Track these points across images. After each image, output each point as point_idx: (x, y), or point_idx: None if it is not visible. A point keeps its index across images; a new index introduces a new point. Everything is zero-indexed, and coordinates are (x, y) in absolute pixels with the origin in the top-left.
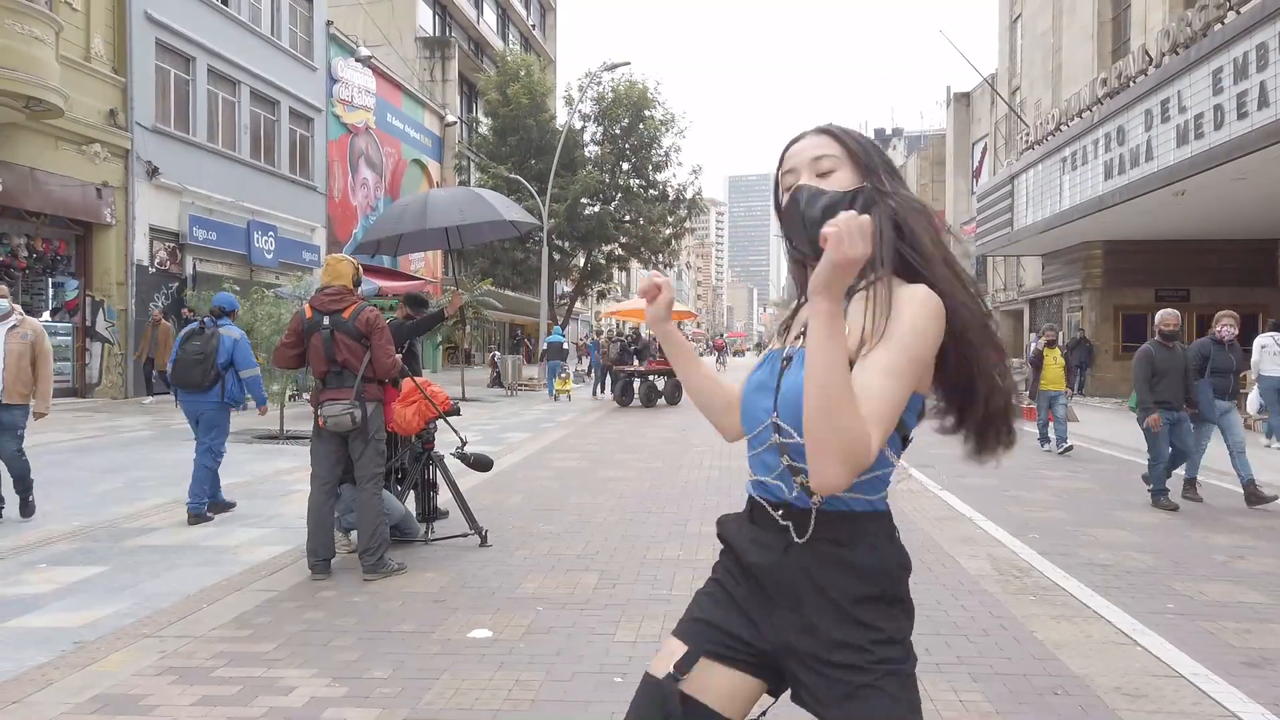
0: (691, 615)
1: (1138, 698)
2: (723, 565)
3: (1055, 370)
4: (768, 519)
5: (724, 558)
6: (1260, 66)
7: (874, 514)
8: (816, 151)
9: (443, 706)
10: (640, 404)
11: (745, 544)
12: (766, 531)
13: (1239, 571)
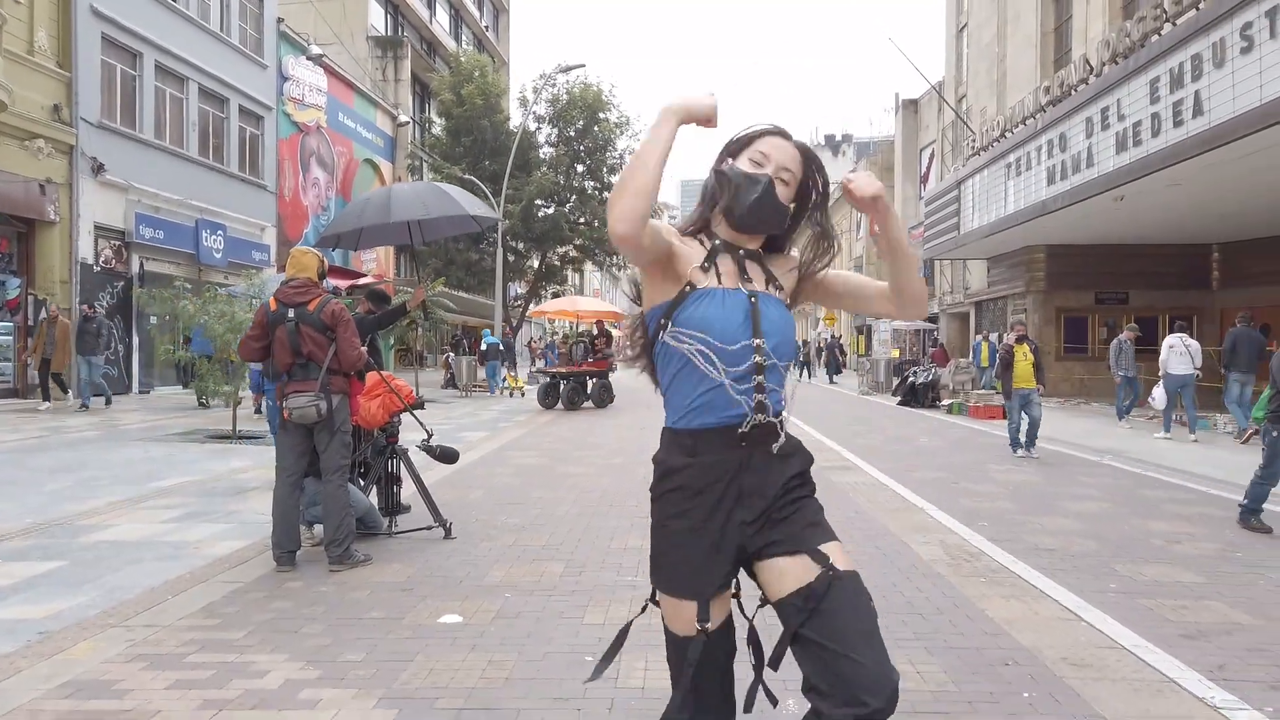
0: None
1: (1083, 667)
2: (679, 502)
3: (1026, 367)
4: (733, 436)
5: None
6: (1195, 77)
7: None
8: (788, 164)
9: (418, 686)
10: (563, 407)
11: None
12: (732, 450)
13: (1176, 554)
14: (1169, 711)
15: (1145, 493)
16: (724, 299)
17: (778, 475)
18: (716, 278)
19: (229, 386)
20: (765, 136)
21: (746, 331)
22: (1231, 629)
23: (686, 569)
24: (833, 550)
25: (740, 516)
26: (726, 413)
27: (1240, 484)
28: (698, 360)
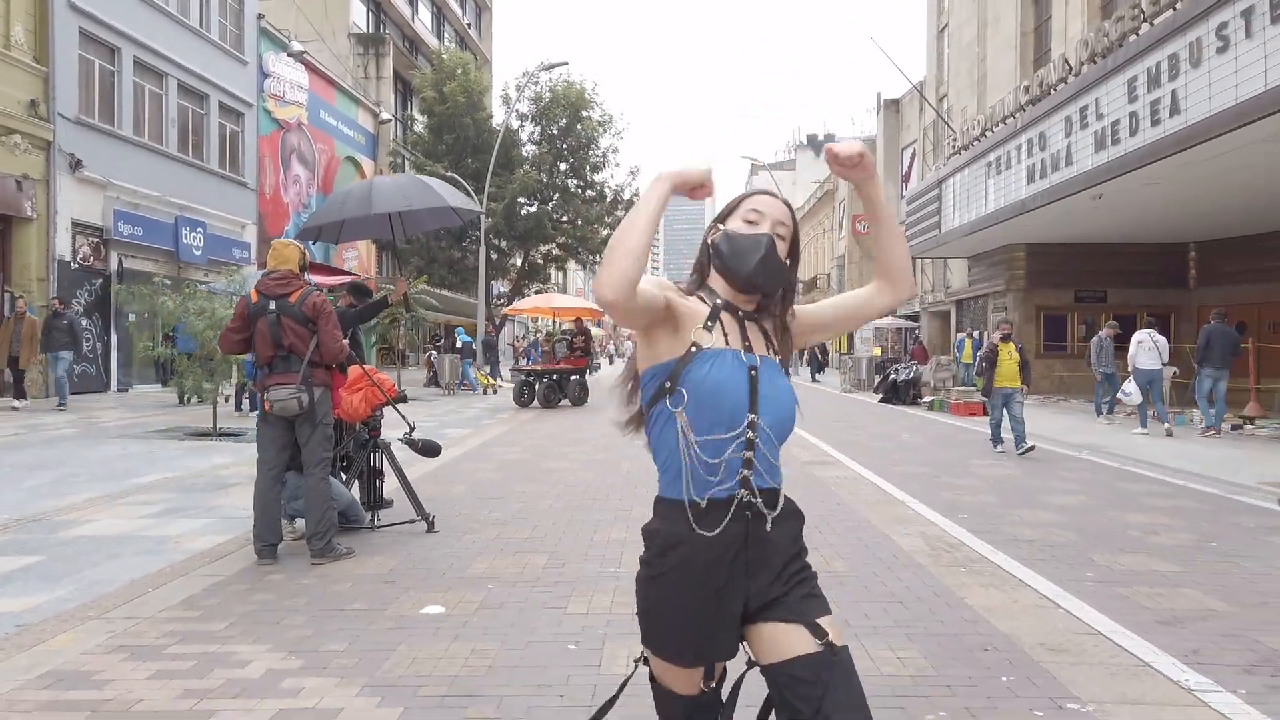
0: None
1: (1060, 652)
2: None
3: (1010, 366)
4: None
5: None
6: (1172, 76)
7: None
8: (783, 219)
9: (401, 674)
10: (539, 405)
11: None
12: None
13: (1152, 545)
14: (1144, 694)
15: (1123, 486)
16: (733, 363)
17: (781, 546)
18: (723, 338)
19: (209, 384)
20: (754, 197)
21: (745, 404)
22: (1206, 615)
23: (695, 639)
24: (829, 624)
25: (748, 585)
26: (727, 484)
27: (1216, 478)
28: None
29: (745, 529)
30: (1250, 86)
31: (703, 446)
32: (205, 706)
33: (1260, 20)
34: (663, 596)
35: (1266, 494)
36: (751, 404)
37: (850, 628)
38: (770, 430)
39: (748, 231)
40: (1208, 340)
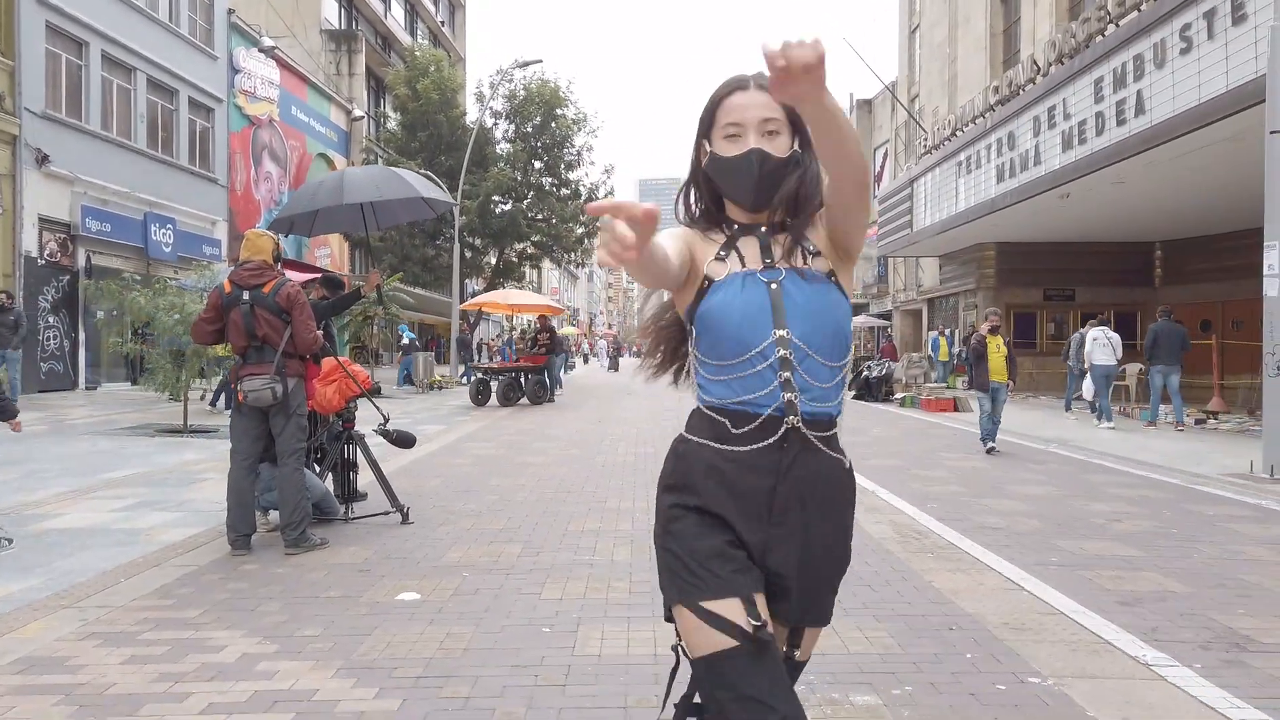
0: (711, 563)
1: (1023, 630)
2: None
3: (999, 360)
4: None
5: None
6: (1137, 76)
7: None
8: (765, 113)
9: (377, 657)
10: (498, 403)
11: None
12: (773, 448)
13: (1116, 531)
14: (1103, 669)
15: (1088, 478)
16: (743, 285)
17: (823, 494)
18: (739, 262)
19: (181, 379)
20: (726, 99)
21: (767, 321)
22: (1165, 596)
23: (719, 558)
24: (811, 639)
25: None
26: (754, 396)
27: (1179, 469)
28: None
29: (780, 458)
30: (1212, 87)
31: (728, 378)
32: (180, 689)
33: (1222, 22)
34: (676, 515)
35: (1226, 484)
36: (776, 319)
37: None
38: (807, 345)
39: (731, 153)
40: (1155, 338)
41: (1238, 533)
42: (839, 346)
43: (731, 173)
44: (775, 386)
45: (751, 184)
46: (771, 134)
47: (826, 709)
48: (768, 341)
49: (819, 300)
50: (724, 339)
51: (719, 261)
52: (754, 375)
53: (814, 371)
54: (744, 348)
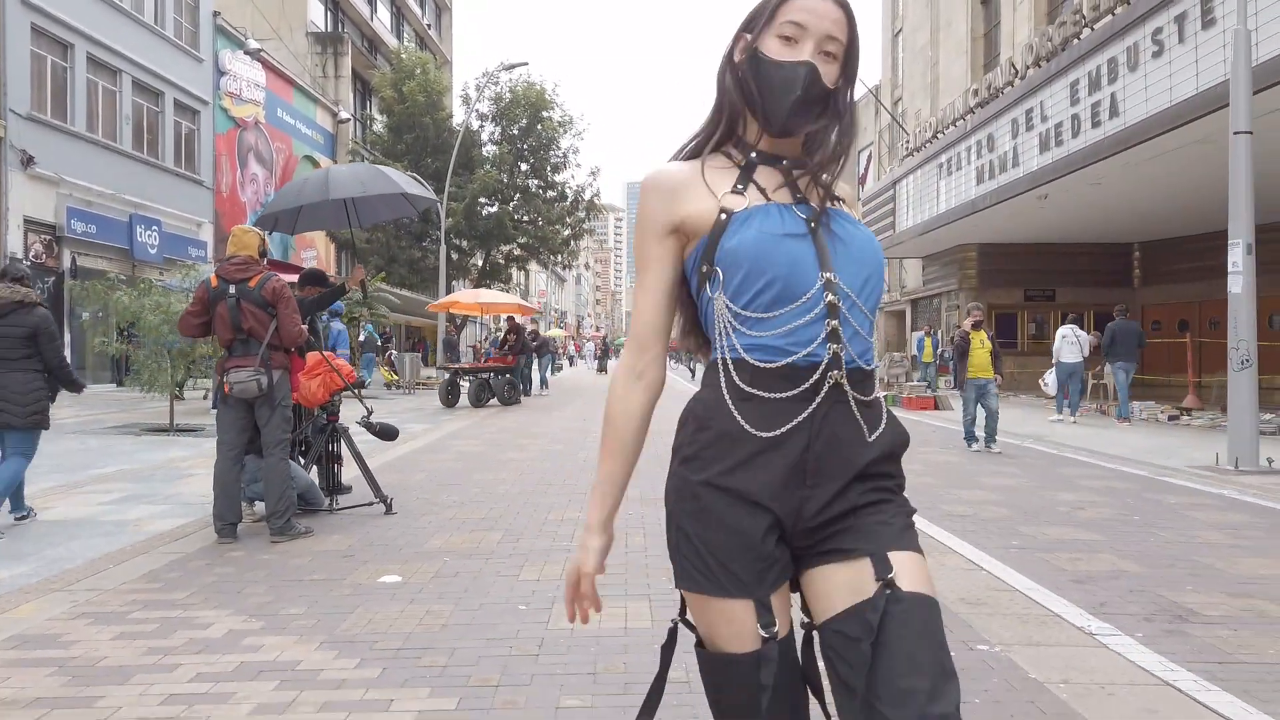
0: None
1: (978, 605)
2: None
3: (983, 356)
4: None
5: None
6: (1111, 79)
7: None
8: (833, 30)
9: (358, 632)
10: (470, 405)
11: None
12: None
13: (1079, 518)
14: (1049, 638)
15: (1059, 470)
16: (781, 216)
17: (859, 452)
18: (761, 195)
19: (167, 376)
20: (777, 14)
21: (812, 263)
22: (1118, 575)
23: (734, 553)
24: (904, 561)
25: (807, 495)
26: (799, 351)
27: (1148, 462)
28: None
29: (815, 416)
30: (1183, 90)
31: (759, 327)
32: (169, 661)
33: (1192, 26)
34: (693, 491)
35: (1192, 475)
36: (822, 261)
37: None
38: (853, 292)
39: (783, 57)
40: (1113, 336)
41: (1197, 519)
42: (878, 293)
43: (772, 80)
44: (822, 337)
45: (791, 103)
46: (828, 55)
47: None
48: (816, 287)
49: (862, 241)
50: (765, 281)
51: (736, 194)
52: (798, 326)
53: (860, 320)
54: (790, 294)
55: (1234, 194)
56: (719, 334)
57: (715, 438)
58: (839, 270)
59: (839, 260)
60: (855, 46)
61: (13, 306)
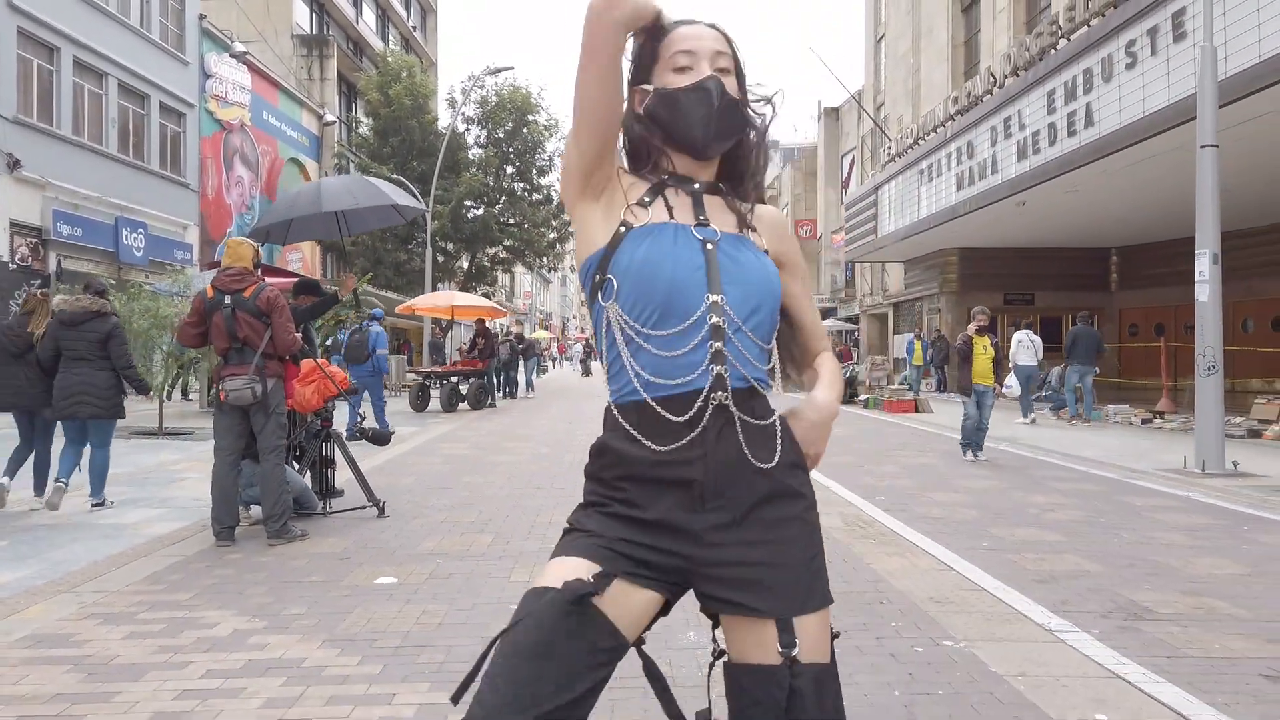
0: (594, 540)
1: (946, 603)
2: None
3: (985, 362)
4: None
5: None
6: (1086, 89)
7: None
8: (718, 47)
9: (358, 632)
10: (441, 409)
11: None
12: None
13: (1047, 520)
14: (1010, 634)
15: (1032, 472)
16: (675, 236)
17: (755, 473)
18: (667, 213)
19: (162, 380)
20: (676, 32)
21: (700, 284)
22: (1080, 575)
23: (605, 535)
24: (808, 628)
25: (705, 520)
26: (681, 380)
27: (1119, 464)
28: (633, 322)
29: (702, 444)
30: (1155, 101)
31: (649, 342)
32: (179, 659)
33: (1164, 39)
34: (586, 502)
35: (1159, 478)
36: (710, 283)
37: None
38: (741, 318)
39: (685, 83)
40: (1074, 340)
41: (1160, 521)
42: (771, 325)
43: (685, 105)
44: (707, 359)
45: (710, 115)
46: (723, 70)
47: None
48: (703, 308)
49: (757, 270)
50: (652, 299)
51: (641, 207)
52: (684, 345)
53: (746, 345)
54: (676, 314)
55: (1201, 206)
56: (610, 345)
57: (614, 460)
58: (728, 294)
59: (729, 285)
60: (740, 66)
61: (91, 315)
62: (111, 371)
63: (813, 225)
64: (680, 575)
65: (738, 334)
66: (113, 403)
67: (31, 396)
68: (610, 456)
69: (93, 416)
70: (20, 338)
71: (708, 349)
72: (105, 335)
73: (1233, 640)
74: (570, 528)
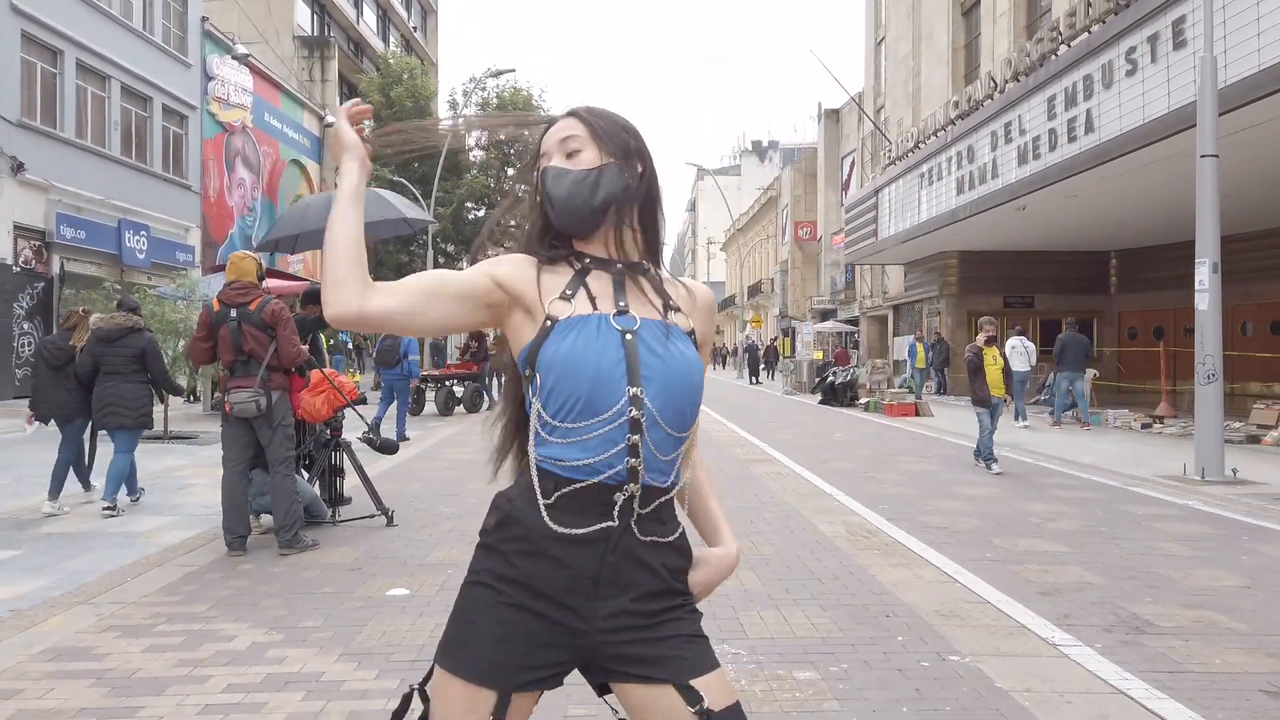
0: (487, 646)
1: (951, 617)
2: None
3: (995, 373)
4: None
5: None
6: (1087, 96)
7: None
8: (564, 134)
9: (373, 645)
10: (438, 412)
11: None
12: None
13: (1049, 530)
14: (1015, 648)
15: (1032, 479)
16: (598, 328)
17: (653, 568)
18: (589, 304)
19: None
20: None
21: (620, 376)
22: (1083, 587)
23: (499, 646)
24: (710, 684)
25: (599, 607)
26: (601, 467)
27: (1118, 471)
28: (551, 419)
29: (610, 530)
30: (1156, 108)
31: (569, 440)
32: (200, 672)
33: (1164, 47)
34: (482, 581)
35: (1159, 485)
36: (630, 376)
37: (771, 600)
38: (659, 411)
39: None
40: (1062, 347)
41: (1161, 530)
42: (690, 415)
43: (547, 194)
44: (621, 449)
45: (553, 202)
46: (573, 153)
47: (772, 684)
48: (621, 401)
49: (678, 360)
50: (573, 395)
51: (564, 300)
52: (600, 437)
53: (659, 443)
54: (594, 409)
55: (1201, 215)
56: (532, 435)
57: (517, 535)
58: (647, 387)
59: (650, 377)
60: (598, 130)
61: (125, 331)
62: (143, 384)
63: (812, 227)
64: (570, 655)
65: (653, 428)
66: (142, 413)
67: (71, 407)
68: (516, 529)
69: (120, 426)
70: (61, 351)
71: (625, 441)
72: (140, 350)
73: (1233, 655)
74: (462, 612)
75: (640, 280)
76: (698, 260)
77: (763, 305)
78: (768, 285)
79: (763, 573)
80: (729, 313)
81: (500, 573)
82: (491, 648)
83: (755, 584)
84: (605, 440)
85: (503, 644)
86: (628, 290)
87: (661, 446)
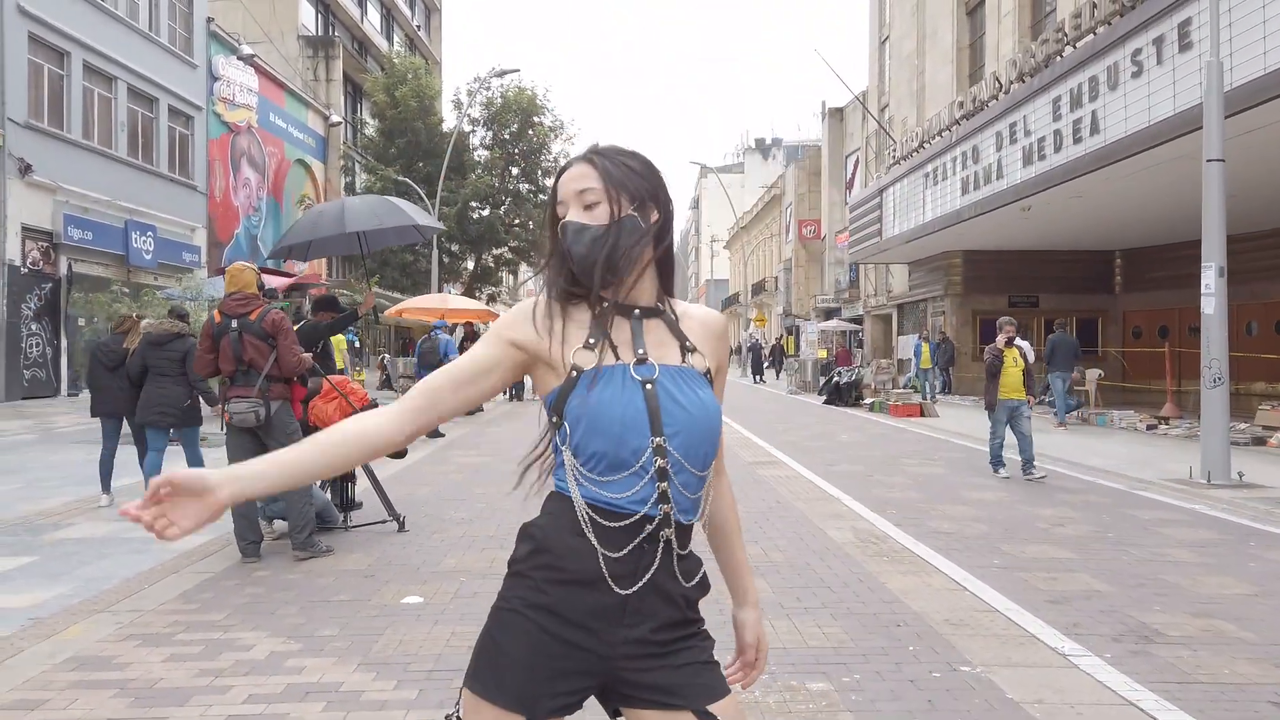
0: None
1: (961, 626)
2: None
3: (1015, 375)
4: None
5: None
6: (1092, 97)
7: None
8: (581, 184)
9: (391, 654)
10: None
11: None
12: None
13: (1056, 535)
14: (1025, 658)
15: (1039, 483)
16: (623, 381)
17: (675, 603)
18: (613, 353)
19: None
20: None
21: (644, 426)
22: (1091, 595)
23: (529, 672)
24: (725, 709)
25: (622, 634)
26: (634, 510)
27: (1125, 474)
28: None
29: (640, 561)
30: (1161, 110)
31: (599, 487)
32: (221, 683)
33: (1170, 49)
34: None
35: (1165, 489)
36: (654, 426)
37: (783, 609)
38: (684, 456)
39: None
40: (1053, 348)
41: (1168, 536)
42: (711, 454)
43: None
44: (653, 495)
45: (573, 258)
46: (591, 205)
47: (785, 694)
48: (648, 452)
49: (698, 408)
50: (599, 444)
51: (588, 350)
52: (632, 487)
53: (687, 484)
54: (623, 460)
55: (1207, 219)
56: (567, 476)
57: (548, 563)
58: (671, 437)
59: (671, 424)
60: (609, 183)
61: (172, 336)
62: (186, 387)
63: (817, 225)
64: (593, 680)
65: (680, 472)
66: (185, 414)
67: (122, 405)
68: (547, 557)
69: (160, 425)
70: (114, 353)
71: (655, 489)
72: (184, 354)
73: (1241, 665)
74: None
75: (657, 323)
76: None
77: (766, 303)
78: (771, 283)
79: (774, 580)
80: (732, 311)
81: (531, 600)
82: (523, 673)
83: (767, 592)
84: (637, 489)
85: (533, 669)
86: (646, 335)
87: (689, 486)
